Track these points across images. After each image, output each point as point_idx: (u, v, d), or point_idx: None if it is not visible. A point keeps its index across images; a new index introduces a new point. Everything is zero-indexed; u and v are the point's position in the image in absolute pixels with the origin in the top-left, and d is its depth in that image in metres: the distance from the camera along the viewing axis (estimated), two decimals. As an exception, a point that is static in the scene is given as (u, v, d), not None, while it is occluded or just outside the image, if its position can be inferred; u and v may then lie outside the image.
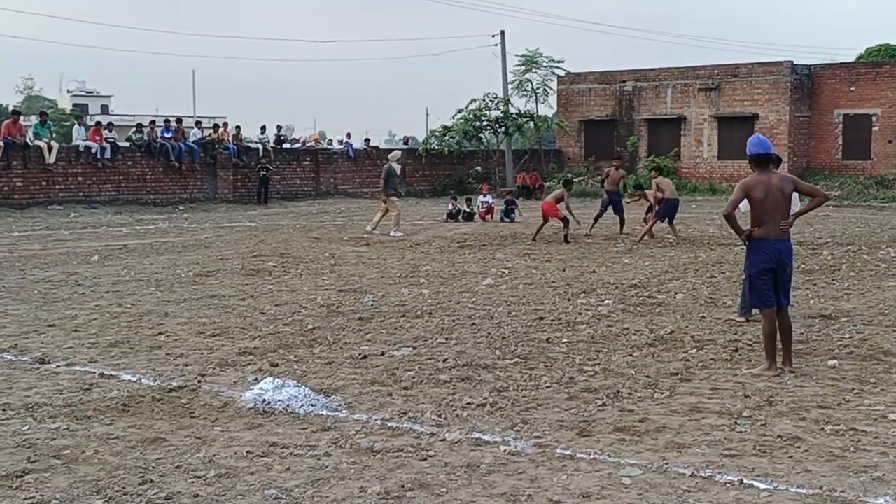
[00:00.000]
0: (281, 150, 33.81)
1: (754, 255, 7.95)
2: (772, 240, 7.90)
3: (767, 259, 7.88)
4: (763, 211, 7.88)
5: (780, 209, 7.91)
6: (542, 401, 7.05)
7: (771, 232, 7.88)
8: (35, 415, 6.69)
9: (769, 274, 7.90)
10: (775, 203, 7.87)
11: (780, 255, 7.91)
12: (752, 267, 7.99)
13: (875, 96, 36.10)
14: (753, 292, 8.03)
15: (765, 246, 7.90)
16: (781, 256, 7.92)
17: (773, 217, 7.87)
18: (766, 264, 7.89)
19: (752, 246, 7.98)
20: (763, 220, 7.90)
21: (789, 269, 8.06)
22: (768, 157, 8.06)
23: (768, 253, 7.88)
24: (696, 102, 38.66)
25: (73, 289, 12.60)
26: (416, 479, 5.39)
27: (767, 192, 7.85)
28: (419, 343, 9.09)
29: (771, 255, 7.88)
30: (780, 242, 7.94)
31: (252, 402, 6.86)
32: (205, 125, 34.97)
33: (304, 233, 21.02)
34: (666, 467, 5.58)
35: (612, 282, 13.19)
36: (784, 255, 7.94)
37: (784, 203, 7.93)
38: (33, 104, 77.89)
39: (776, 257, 7.89)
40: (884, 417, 6.59)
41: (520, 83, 41.06)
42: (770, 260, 7.88)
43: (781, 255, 7.92)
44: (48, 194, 26.77)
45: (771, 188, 7.87)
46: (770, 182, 7.90)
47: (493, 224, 23.90)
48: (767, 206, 7.86)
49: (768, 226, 7.88)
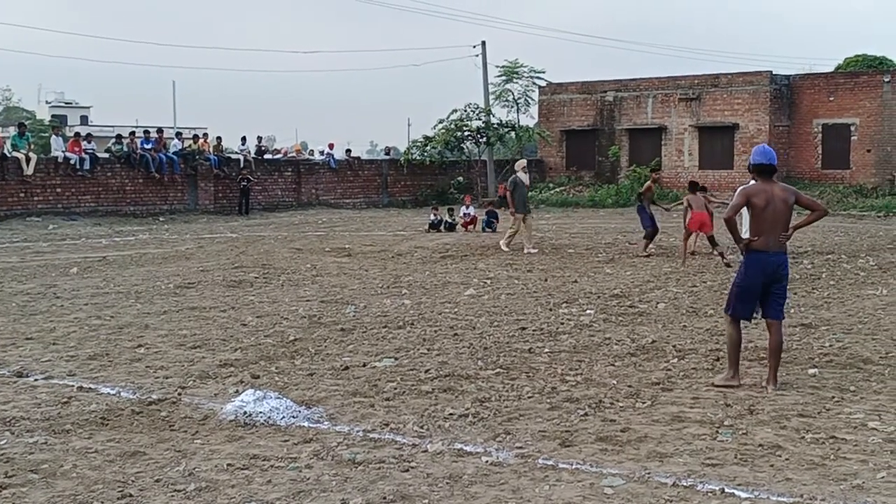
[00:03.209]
0: (262, 160, 33.72)
1: (751, 267, 7.76)
2: (770, 252, 7.71)
3: (763, 273, 7.72)
4: (764, 220, 7.70)
5: (781, 220, 7.74)
6: (525, 411, 7.05)
7: (771, 244, 7.70)
8: (13, 429, 6.62)
9: (761, 286, 7.76)
10: (777, 214, 7.70)
11: (776, 268, 7.76)
12: (745, 278, 7.80)
13: (853, 106, 36.41)
14: (738, 301, 7.86)
15: (763, 258, 7.71)
16: (778, 269, 7.77)
17: (774, 228, 7.70)
18: (759, 278, 7.73)
19: (751, 258, 7.78)
20: (763, 231, 7.71)
21: (784, 281, 7.89)
22: (772, 168, 7.88)
23: (766, 265, 7.71)
24: (677, 112, 38.86)
25: (51, 301, 12.51)
26: (398, 490, 5.37)
27: (769, 202, 7.67)
28: (401, 354, 9.07)
29: (768, 269, 7.72)
30: (778, 255, 7.77)
31: (233, 415, 6.82)
32: (185, 136, 34.89)
33: (285, 244, 20.96)
34: (648, 477, 5.58)
35: (594, 291, 13.22)
36: (780, 268, 7.79)
37: (786, 214, 7.76)
38: (11, 115, 77.35)
39: (773, 270, 7.74)
40: (864, 425, 6.63)
41: (501, 93, 41.10)
42: (766, 274, 7.72)
43: (778, 269, 7.77)
44: (26, 206, 26.58)
45: (773, 198, 7.69)
46: (773, 192, 7.72)
47: (474, 234, 23.91)
48: (768, 216, 7.68)
49: (768, 237, 7.70)
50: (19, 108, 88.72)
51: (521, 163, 20.42)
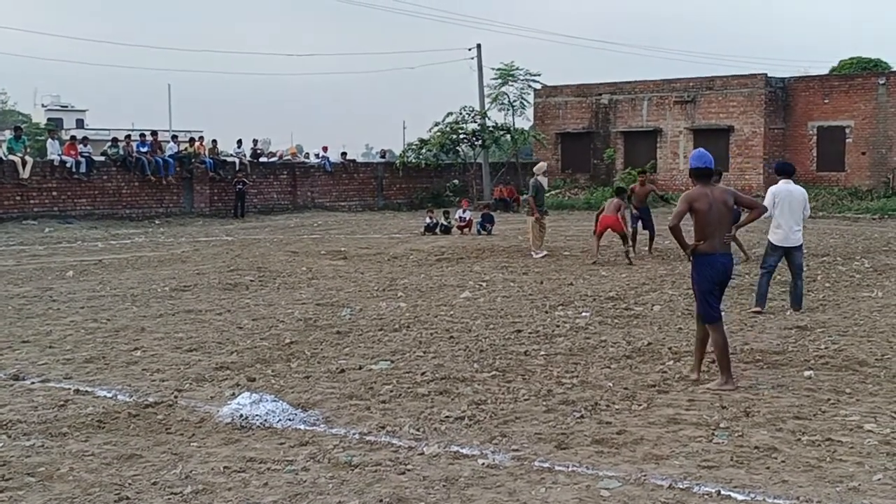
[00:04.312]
0: (257, 163, 33.74)
1: (705, 269, 7.89)
2: (718, 254, 7.90)
3: (718, 273, 7.90)
4: (708, 223, 7.86)
5: (724, 222, 7.94)
6: (521, 413, 7.05)
7: (717, 246, 7.88)
8: (9, 432, 6.62)
9: (718, 288, 7.95)
10: (720, 216, 7.89)
11: (725, 269, 7.94)
12: (703, 282, 7.91)
13: (848, 108, 36.45)
14: (705, 306, 7.94)
15: (712, 260, 7.88)
16: (726, 271, 7.96)
17: (718, 230, 7.88)
18: (717, 278, 7.91)
19: (701, 261, 7.91)
20: (708, 234, 7.87)
21: (727, 283, 8.10)
22: (709, 171, 8.08)
23: (716, 267, 7.88)
24: (672, 115, 38.88)
25: (47, 304, 12.49)
26: (394, 493, 5.37)
27: (711, 205, 7.85)
28: (397, 356, 9.08)
29: (718, 269, 7.89)
30: (725, 257, 7.96)
31: (229, 418, 6.82)
32: (181, 139, 34.85)
33: (281, 247, 20.95)
34: (644, 479, 5.59)
35: (590, 294, 13.23)
36: (728, 269, 7.99)
37: (728, 216, 7.98)
38: (7, 119, 77.38)
39: (722, 271, 7.92)
40: (859, 427, 6.64)
41: (496, 96, 41.14)
42: (721, 273, 7.91)
43: (726, 270, 7.96)
44: (22, 209, 26.57)
45: (714, 201, 7.88)
46: (713, 195, 7.92)
47: (470, 237, 23.91)
48: (712, 219, 7.85)
49: (714, 240, 7.86)
50: (15, 111, 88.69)
51: (542, 166, 20.08)
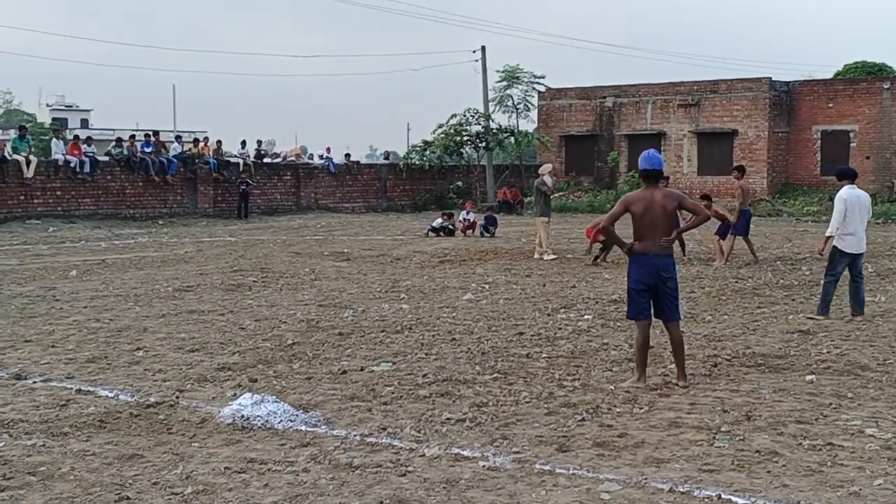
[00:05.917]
0: (261, 164, 33.77)
1: (635, 269, 8.05)
2: (651, 255, 7.98)
3: (646, 274, 7.98)
4: (642, 226, 7.99)
5: (660, 225, 8.00)
6: (522, 416, 7.05)
7: (651, 247, 7.97)
8: (11, 431, 6.63)
9: (647, 288, 8.01)
10: (654, 219, 7.96)
11: (658, 269, 7.99)
12: (630, 280, 8.11)
13: (853, 112, 36.45)
14: (631, 303, 8.14)
15: (644, 261, 7.99)
16: (660, 271, 7.99)
17: (653, 232, 7.97)
18: (644, 279, 7.99)
19: (633, 260, 8.10)
20: (642, 236, 8.01)
21: (671, 283, 8.09)
22: (655, 173, 8.15)
23: (646, 267, 7.97)
24: (676, 118, 38.88)
25: (50, 304, 12.51)
26: (394, 494, 5.37)
27: (647, 208, 7.95)
28: (399, 358, 9.08)
29: (649, 269, 7.97)
30: (660, 258, 8.01)
31: (230, 418, 6.82)
32: (185, 139, 34.92)
33: (284, 247, 20.97)
34: (645, 482, 5.59)
35: (592, 297, 13.23)
36: (663, 269, 8.01)
37: (665, 219, 8.01)
38: (12, 118, 77.44)
39: (654, 271, 7.97)
40: (861, 432, 6.63)
41: (500, 98, 41.15)
42: (649, 274, 7.98)
43: (660, 270, 8.00)
44: (26, 209, 26.62)
45: (652, 204, 7.96)
46: (652, 198, 7.99)
47: (473, 239, 23.92)
48: (646, 222, 7.96)
49: (647, 241, 7.98)
50: (20, 110, 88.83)
51: (548, 167, 20.13)
